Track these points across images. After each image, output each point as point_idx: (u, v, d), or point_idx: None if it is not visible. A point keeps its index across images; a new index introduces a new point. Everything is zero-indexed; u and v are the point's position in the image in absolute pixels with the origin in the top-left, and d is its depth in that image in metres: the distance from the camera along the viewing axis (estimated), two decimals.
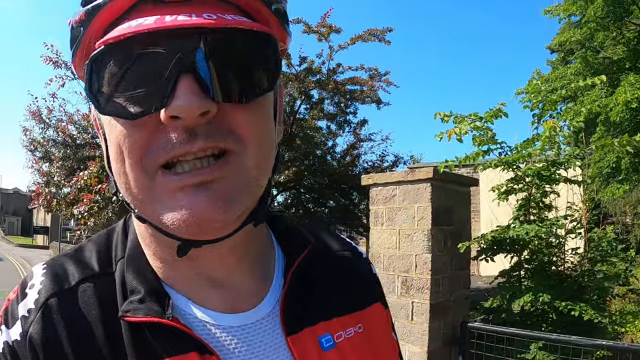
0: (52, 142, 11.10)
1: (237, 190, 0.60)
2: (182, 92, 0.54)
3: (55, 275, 0.67)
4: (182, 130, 0.56)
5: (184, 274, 0.70)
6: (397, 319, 4.95)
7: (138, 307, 0.63)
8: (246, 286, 0.73)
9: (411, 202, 4.99)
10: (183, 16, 0.54)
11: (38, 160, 11.40)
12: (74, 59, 0.65)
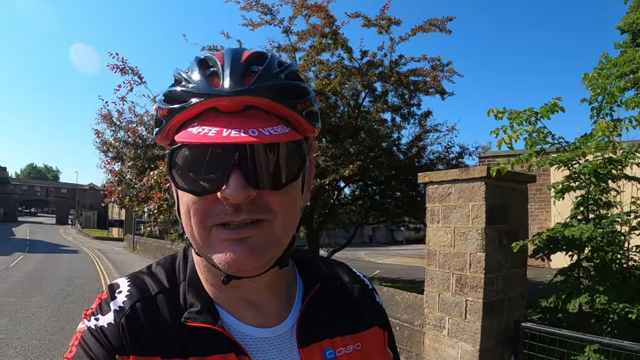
0: (124, 143, 11.61)
1: (265, 246, 0.81)
2: (232, 183, 0.76)
3: (138, 286, 0.91)
4: (231, 205, 0.78)
5: (229, 296, 0.93)
6: (450, 316, 4.96)
7: (196, 317, 0.87)
8: (273, 308, 0.96)
9: (466, 200, 4.97)
10: (235, 132, 0.74)
11: (110, 161, 11.94)
12: (157, 135, 0.87)
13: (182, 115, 0.81)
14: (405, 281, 16.08)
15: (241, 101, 0.78)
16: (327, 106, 12.80)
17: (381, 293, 6.64)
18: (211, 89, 0.79)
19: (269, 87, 0.80)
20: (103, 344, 0.83)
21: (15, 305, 12.10)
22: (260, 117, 0.80)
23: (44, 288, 15.24)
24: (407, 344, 5.74)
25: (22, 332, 9.35)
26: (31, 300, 12.89)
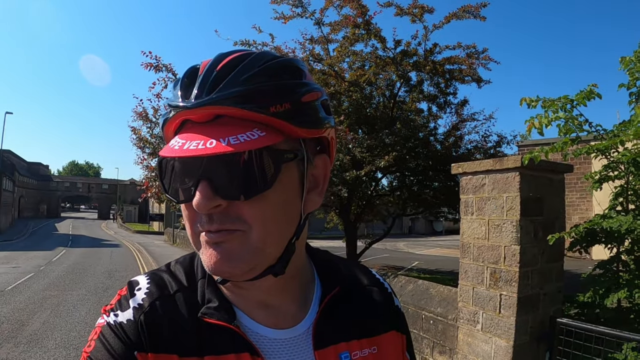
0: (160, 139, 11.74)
1: (241, 253, 0.80)
2: (198, 194, 0.77)
3: (157, 284, 0.93)
4: (205, 215, 0.79)
5: (240, 296, 0.93)
6: (485, 310, 4.86)
7: (213, 313, 0.87)
8: (288, 309, 0.95)
9: (500, 191, 4.86)
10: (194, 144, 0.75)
11: (147, 157, 12.10)
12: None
13: (169, 126, 0.85)
14: (444, 272, 15.96)
15: (209, 111, 0.78)
16: (362, 97, 12.71)
17: (416, 286, 6.60)
18: (179, 101, 0.80)
19: (234, 94, 0.77)
20: (122, 339, 0.84)
21: (57, 299, 12.48)
22: (232, 124, 0.78)
23: (85, 281, 15.66)
24: (440, 338, 5.66)
25: (62, 324, 9.62)
26: (72, 294, 13.28)
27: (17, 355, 7.63)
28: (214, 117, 0.79)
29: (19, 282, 15.22)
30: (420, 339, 6.06)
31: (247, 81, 0.78)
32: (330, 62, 12.14)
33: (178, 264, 1.00)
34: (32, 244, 33.35)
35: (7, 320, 9.95)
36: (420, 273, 15.82)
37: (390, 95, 13.32)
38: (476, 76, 12.44)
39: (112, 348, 0.83)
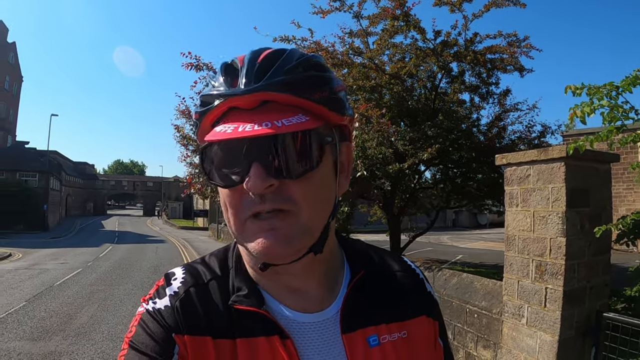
0: None
1: (293, 234, 0.85)
2: (252, 174, 0.81)
3: (192, 274, 0.99)
4: (257, 195, 0.83)
5: (270, 281, 0.97)
6: (530, 304, 4.76)
7: (243, 300, 0.93)
8: (316, 294, 0.99)
9: (545, 182, 4.75)
10: (249, 126, 0.79)
11: (190, 154, 12.27)
12: (196, 137, 0.95)
13: (209, 117, 0.88)
14: (488, 266, 15.73)
15: (256, 98, 0.83)
16: (404, 89, 12.61)
17: (460, 279, 6.53)
18: (228, 89, 0.85)
19: (280, 82, 0.84)
20: (161, 323, 0.91)
21: (104, 293, 12.87)
22: (277, 110, 0.84)
23: (131, 276, 16.06)
24: (484, 332, 5.58)
25: (109, 318, 9.90)
26: (119, 288, 13.66)
27: (65, 347, 7.90)
28: (260, 103, 0.85)
29: (67, 277, 15.74)
30: (464, 333, 5.99)
31: (290, 71, 0.86)
32: (370, 55, 12.06)
33: (212, 256, 1.07)
34: (80, 240, 34.37)
35: (56, 314, 10.31)
36: (464, 266, 15.61)
37: (432, 86, 13.16)
38: (518, 65, 12.11)
39: (151, 332, 0.90)
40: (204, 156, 0.88)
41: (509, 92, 13.18)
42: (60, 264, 19.58)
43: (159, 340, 0.89)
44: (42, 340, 8.26)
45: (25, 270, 17.30)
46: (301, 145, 0.84)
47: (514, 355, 4.94)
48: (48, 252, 24.99)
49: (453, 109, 12.94)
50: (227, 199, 0.88)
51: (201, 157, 0.88)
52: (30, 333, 8.73)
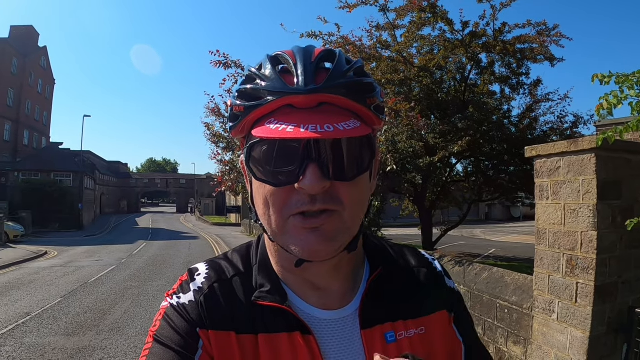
0: None
1: (336, 233, 0.86)
2: (310, 175, 0.80)
3: (215, 270, 1.00)
4: (307, 195, 0.83)
5: (297, 279, 0.98)
6: (560, 299, 4.66)
7: (266, 296, 0.94)
8: (338, 291, 0.99)
9: (575, 174, 4.64)
10: (312, 127, 0.78)
11: (221, 152, 12.35)
12: (232, 130, 0.93)
13: (258, 112, 0.86)
14: (521, 260, 15.51)
15: (316, 98, 0.83)
16: (433, 82, 12.54)
17: (491, 273, 6.44)
18: (287, 87, 0.83)
19: (340, 85, 0.84)
20: (185, 317, 0.92)
21: (138, 289, 13.08)
22: (333, 112, 0.84)
23: (164, 272, 16.28)
24: (515, 327, 5.49)
25: (142, 314, 10.04)
26: (152, 284, 13.86)
27: (99, 342, 8.03)
28: (317, 104, 0.84)
29: (102, 274, 16.01)
30: (494, 329, 5.90)
31: (345, 75, 0.86)
32: (399, 48, 12.01)
33: (235, 252, 1.08)
34: (114, 238, 34.87)
35: (91, 310, 10.50)
36: (497, 260, 15.41)
37: (461, 78, 13.05)
38: (548, 54, 11.90)
39: (176, 326, 0.91)
40: (251, 152, 0.87)
41: (540, 83, 12.98)
42: (94, 261, 19.91)
43: (184, 334, 0.90)
44: (76, 336, 8.41)
45: (61, 268, 17.61)
46: (357, 150, 0.86)
47: (544, 352, 4.85)
48: (83, 249, 25.42)
49: (483, 100, 12.81)
50: (272, 197, 0.87)
51: (248, 153, 0.87)
52: (65, 328, 8.89)
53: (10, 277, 15.41)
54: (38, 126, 58.11)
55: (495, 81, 13.02)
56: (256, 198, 0.92)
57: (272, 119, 0.84)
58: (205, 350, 0.90)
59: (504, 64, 12.52)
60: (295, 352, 0.90)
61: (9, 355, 7.25)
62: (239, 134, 0.94)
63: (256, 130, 0.84)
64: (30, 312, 10.15)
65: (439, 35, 12.09)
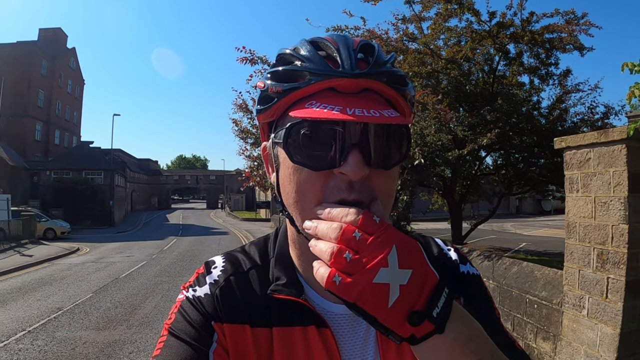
0: None
1: None
2: (352, 160, 0.77)
3: (232, 263, 1.01)
4: (346, 182, 0.79)
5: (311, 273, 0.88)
6: (591, 295, 4.55)
7: (282, 289, 0.93)
8: None
9: (606, 166, 4.52)
10: (358, 111, 0.75)
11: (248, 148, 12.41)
12: (263, 112, 0.90)
13: (297, 94, 0.83)
14: (552, 254, 15.25)
15: (360, 83, 0.81)
16: (461, 74, 12.42)
17: (520, 268, 6.33)
18: (332, 69, 0.81)
19: (383, 72, 0.83)
20: (200, 311, 0.92)
21: (168, 284, 13.26)
22: (375, 99, 0.83)
23: (194, 268, 16.04)
24: (544, 323, 5.38)
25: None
26: (182, 279, 14.02)
27: (129, 336, 8.16)
28: (360, 89, 0.82)
29: (133, 269, 16.26)
30: (523, 324, 5.80)
31: (388, 64, 0.85)
32: (425, 40, 11.89)
33: (252, 245, 1.08)
34: (145, 234, 35.38)
35: (121, 305, 10.67)
36: (527, 255, 15.20)
37: (490, 70, 12.84)
38: (578, 44, 11.61)
39: (191, 319, 0.91)
40: (289, 134, 0.83)
41: (570, 73, 12.68)
42: (125, 257, 20.22)
43: (199, 327, 0.90)
44: (107, 330, 8.54)
45: (93, 264, 17.92)
46: (397, 139, 0.84)
47: (573, 348, 4.75)
48: (114, 245, 25.80)
49: (512, 92, 12.61)
50: (307, 182, 0.83)
51: (286, 135, 0.83)
52: (95, 323, 9.04)
53: (43, 273, 15.73)
54: (68, 126, 59.40)
55: (524, 72, 12.77)
56: (286, 185, 0.88)
57: (313, 101, 0.81)
58: (220, 343, 0.90)
59: (532, 54, 12.26)
60: (309, 346, 0.90)
61: (41, 348, 7.40)
62: (269, 117, 0.90)
63: (296, 111, 0.81)
64: (62, 307, 10.36)
65: (465, 27, 11.94)
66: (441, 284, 0.68)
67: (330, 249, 0.67)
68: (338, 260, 0.66)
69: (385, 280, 0.63)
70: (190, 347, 0.87)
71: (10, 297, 11.50)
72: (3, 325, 8.80)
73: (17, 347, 7.46)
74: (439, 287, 0.68)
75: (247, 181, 12.23)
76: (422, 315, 0.65)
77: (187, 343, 0.88)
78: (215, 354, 0.89)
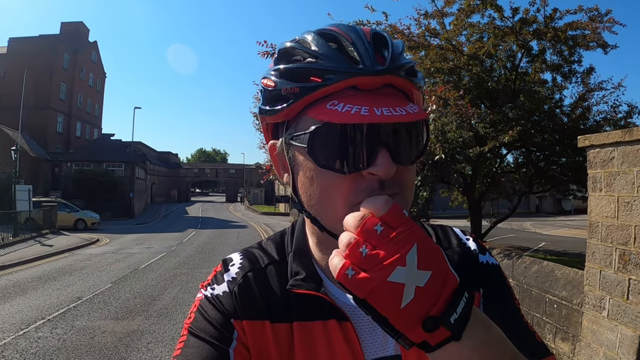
0: None
1: None
2: (382, 160, 0.75)
3: (249, 259, 1.00)
4: (377, 181, 0.77)
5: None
6: (612, 296, 4.48)
7: (301, 284, 0.92)
8: None
9: (630, 165, 4.45)
10: (386, 110, 0.74)
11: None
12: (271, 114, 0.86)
13: (317, 94, 0.79)
14: (571, 254, 15.11)
15: (382, 80, 0.79)
16: (483, 70, 12.32)
17: (540, 267, 6.28)
18: (353, 67, 0.78)
19: (401, 66, 0.81)
20: (219, 309, 0.92)
21: (186, 276, 13.38)
22: (396, 95, 0.81)
23: (213, 260, 16.52)
24: (564, 323, 5.33)
25: (191, 300, 10.11)
26: (201, 271, 14.14)
27: (148, 326, 8.23)
28: (381, 86, 0.80)
29: (152, 261, 16.42)
30: (542, 324, 5.75)
31: (402, 56, 0.83)
32: (447, 36, 11.82)
33: (269, 241, 1.07)
34: (164, 226, 35.71)
35: (140, 295, 10.78)
36: (546, 254, 15.07)
37: (512, 66, 12.73)
38: (601, 41, 11.47)
39: (210, 318, 0.91)
40: (314, 137, 0.79)
41: (593, 70, 12.50)
42: (145, 248, 20.44)
43: (218, 326, 0.90)
44: (125, 320, 8.63)
45: (112, 254, 18.14)
46: (419, 134, 0.83)
47: (592, 350, 4.69)
48: (134, 237, 26.12)
49: (534, 89, 12.51)
50: (333, 186, 0.80)
51: (311, 138, 0.79)
52: (114, 313, 9.14)
53: (63, 263, 15.96)
54: (90, 118, 60.39)
55: (546, 69, 12.63)
56: (307, 187, 0.85)
57: (335, 100, 0.78)
58: (240, 341, 0.90)
59: (555, 51, 12.13)
60: (330, 340, 0.89)
61: (60, 337, 7.49)
62: (281, 118, 0.86)
63: (318, 113, 0.78)
64: (81, 297, 10.49)
65: (488, 23, 11.86)
66: (461, 288, 0.66)
67: (348, 240, 0.65)
68: (353, 253, 0.63)
69: (400, 280, 0.61)
70: (211, 346, 0.87)
71: (31, 286, 11.66)
72: (23, 314, 8.92)
73: (36, 335, 7.56)
74: (459, 291, 0.65)
75: (267, 174, 12.30)
76: (437, 320, 0.62)
77: (208, 342, 0.88)
78: (236, 352, 0.88)
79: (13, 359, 6.48)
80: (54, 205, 29.32)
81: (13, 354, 6.69)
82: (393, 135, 0.78)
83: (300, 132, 0.82)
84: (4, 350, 6.85)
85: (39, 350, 6.87)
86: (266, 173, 12.45)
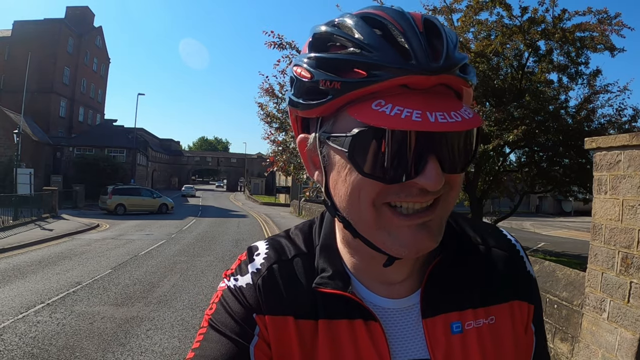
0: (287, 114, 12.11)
1: (442, 223, 0.79)
2: (430, 171, 0.69)
3: (276, 249, 0.96)
4: (417, 189, 0.71)
5: (359, 266, 0.91)
6: (612, 298, 4.49)
7: (327, 282, 0.88)
8: (402, 279, 0.91)
9: (636, 169, 4.44)
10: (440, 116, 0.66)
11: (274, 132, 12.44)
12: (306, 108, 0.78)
13: (359, 92, 0.70)
14: (570, 256, 15.15)
15: (436, 80, 0.70)
16: (489, 68, 12.32)
17: (542, 267, 6.28)
18: (405, 62, 0.67)
19: (457, 63, 0.71)
20: (241, 302, 0.89)
21: (186, 264, 13.37)
22: (449, 96, 0.74)
23: (213, 249, 16.58)
24: (563, 324, 5.34)
25: (190, 288, 10.26)
26: (201, 260, 14.15)
27: (147, 313, 8.24)
28: (434, 85, 0.71)
29: (152, 248, 16.41)
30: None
31: (457, 50, 0.73)
32: (455, 32, 11.75)
33: (297, 230, 1.02)
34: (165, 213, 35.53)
35: (140, 282, 10.76)
36: (545, 255, 15.08)
37: (518, 65, 12.74)
38: (609, 44, 11.50)
39: (232, 311, 0.88)
40: (356, 142, 0.71)
41: (600, 73, 12.54)
42: (145, 235, 20.46)
43: (240, 320, 0.87)
44: (125, 306, 8.64)
45: (112, 240, 18.15)
46: (471, 141, 0.75)
47: (591, 351, 4.70)
48: (134, 223, 26.10)
49: (540, 89, 12.55)
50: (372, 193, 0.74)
51: (353, 143, 0.71)
52: (114, 299, 9.14)
53: (63, 247, 15.98)
54: (93, 103, 60.42)
55: (553, 70, 12.66)
56: (340, 188, 0.78)
57: (382, 100, 0.69)
58: (262, 336, 0.86)
59: (562, 52, 12.17)
60: (356, 340, 0.85)
61: (59, 321, 7.50)
62: (319, 113, 0.77)
63: (360, 113, 0.69)
64: (81, 282, 10.49)
65: (496, 21, 11.88)
66: None
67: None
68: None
69: None
70: (231, 341, 0.84)
71: (30, 270, 11.67)
72: (22, 297, 8.94)
73: (35, 319, 7.57)
74: None
75: (271, 165, 12.26)
76: None
77: (228, 337, 0.85)
78: (257, 348, 0.85)
79: (12, 343, 6.49)
80: (54, 189, 29.35)
81: (12, 337, 6.70)
82: (445, 142, 0.71)
83: (339, 132, 0.74)
84: (3, 333, 6.85)
85: (38, 334, 6.88)
86: (270, 165, 12.39)
